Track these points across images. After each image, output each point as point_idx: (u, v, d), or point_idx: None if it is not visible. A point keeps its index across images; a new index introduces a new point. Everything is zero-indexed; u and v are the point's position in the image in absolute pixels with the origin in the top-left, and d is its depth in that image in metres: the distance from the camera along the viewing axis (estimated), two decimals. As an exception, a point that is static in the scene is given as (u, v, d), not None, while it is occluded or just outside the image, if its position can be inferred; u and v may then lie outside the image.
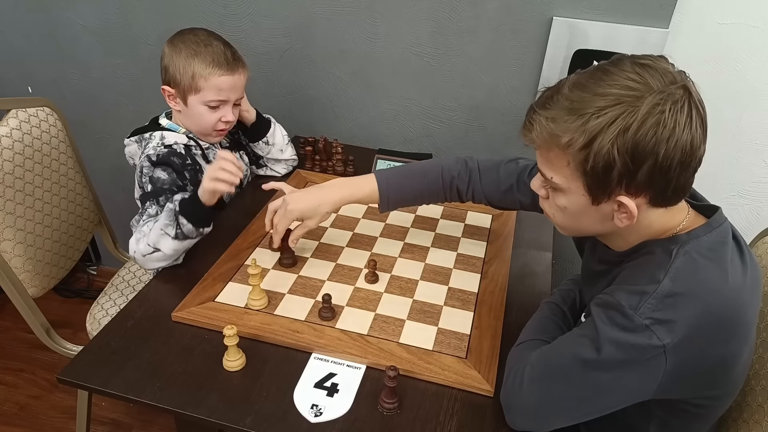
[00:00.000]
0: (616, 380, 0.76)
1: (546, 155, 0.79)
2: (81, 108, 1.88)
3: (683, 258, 0.76)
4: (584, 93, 0.73)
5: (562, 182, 0.79)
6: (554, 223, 0.89)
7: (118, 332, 1.01)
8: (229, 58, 1.22)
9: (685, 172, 0.73)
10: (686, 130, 0.71)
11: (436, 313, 1.07)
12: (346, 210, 1.37)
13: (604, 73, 0.74)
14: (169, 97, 1.25)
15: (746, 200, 1.60)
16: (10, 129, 1.31)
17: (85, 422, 1.43)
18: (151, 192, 1.18)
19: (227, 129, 1.30)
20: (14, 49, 1.85)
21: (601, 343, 0.75)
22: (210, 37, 1.23)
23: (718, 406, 0.86)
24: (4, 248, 1.28)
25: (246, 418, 0.86)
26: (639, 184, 0.73)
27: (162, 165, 1.21)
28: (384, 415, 0.88)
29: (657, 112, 0.70)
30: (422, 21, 1.51)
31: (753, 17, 1.36)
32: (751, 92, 1.44)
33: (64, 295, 2.20)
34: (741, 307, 0.76)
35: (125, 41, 1.75)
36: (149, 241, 1.11)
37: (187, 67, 1.20)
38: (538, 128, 0.76)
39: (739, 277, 0.77)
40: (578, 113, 0.72)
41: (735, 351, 0.78)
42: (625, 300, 0.75)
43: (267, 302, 1.06)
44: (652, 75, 0.72)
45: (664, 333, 0.72)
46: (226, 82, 1.22)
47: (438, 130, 1.67)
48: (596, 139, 0.71)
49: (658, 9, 1.36)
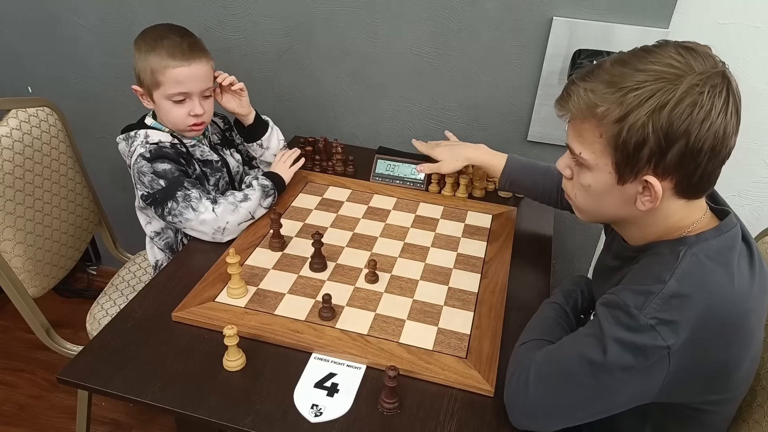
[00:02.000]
0: (621, 381, 0.76)
1: (579, 128, 0.79)
2: (81, 108, 1.88)
3: (690, 260, 0.76)
4: (625, 68, 0.74)
5: (590, 158, 0.79)
6: (575, 207, 0.90)
7: (118, 332, 1.01)
8: (185, 49, 1.20)
9: (714, 159, 0.73)
10: (721, 115, 0.71)
11: (436, 313, 1.07)
12: (346, 210, 1.37)
13: (647, 53, 0.75)
14: (141, 96, 1.26)
15: (746, 200, 1.60)
16: (10, 129, 1.31)
17: (85, 422, 1.43)
18: (170, 185, 1.20)
19: (201, 123, 1.27)
20: (14, 49, 1.85)
21: (606, 342, 0.75)
22: (168, 30, 1.22)
23: (718, 412, 0.85)
24: (4, 248, 1.28)
25: (246, 418, 0.86)
26: (668, 165, 0.73)
27: (158, 159, 1.21)
28: (384, 415, 0.88)
29: (695, 92, 0.70)
30: (422, 21, 1.51)
31: (753, 17, 1.36)
32: (751, 92, 1.44)
33: (64, 295, 2.20)
34: (745, 312, 0.76)
35: (125, 41, 1.74)
36: (250, 208, 1.25)
37: (145, 64, 1.20)
38: (576, 98, 0.77)
39: (745, 282, 0.77)
40: (617, 86, 0.73)
41: (737, 357, 0.77)
42: (630, 300, 0.75)
43: (246, 292, 1.08)
44: (694, 57, 0.72)
45: (669, 334, 0.72)
46: (182, 73, 1.19)
47: (438, 130, 1.67)
48: (632, 112, 0.72)
49: (658, 9, 1.36)
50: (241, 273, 1.07)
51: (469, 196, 1.45)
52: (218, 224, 1.20)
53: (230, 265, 1.04)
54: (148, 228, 1.38)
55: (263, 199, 1.28)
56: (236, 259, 1.04)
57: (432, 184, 1.46)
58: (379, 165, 1.49)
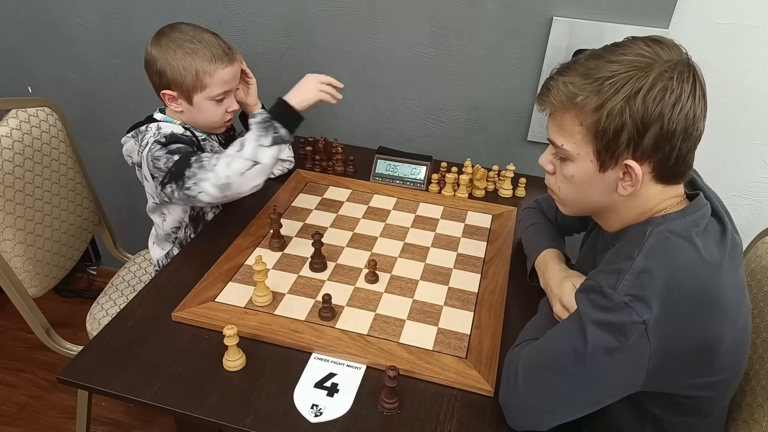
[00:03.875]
0: (606, 365, 0.77)
1: (560, 120, 0.84)
2: (81, 108, 1.88)
3: (656, 236, 0.79)
4: (599, 61, 0.80)
5: (572, 148, 0.83)
6: (558, 201, 0.94)
7: (118, 332, 1.01)
8: (225, 48, 1.24)
9: (687, 140, 0.78)
10: (690, 99, 0.76)
11: (436, 313, 1.07)
12: (346, 210, 1.37)
13: (618, 46, 0.81)
14: (169, 100, 1.25)
15: (746, 200, 1.59)
16: (10, 129, 1.31)
17: (85, 422, 1.43)
18: (183, 156, 1.16)
19: (233, 117, 1.33)
20: (14, 49, 1.85)
21: (585, 326, 0.77)
22: (197, 30, 1.23)
23: (711, 398, 0.85)
24: (4, 248, 1.28)
25: (246, 418, 0.86)
26: (645, 149, 0.78)
27: (173, 142, 1.20)
28: (384, 415, 0.88)
29: (665, 78, 0.75)
30: (422, 21, 1.51)
31: (753, 17, 1.36)
32: (751, 92, 1.44)
33: (64, 295, 2.20)
34: (716, 287, 0.78)
35: (125, 41, 1.75)
36: (245, 156, 1.12)
37: (188, 67, 1.20)
38: (555, 91, 0.82)
39: (714, 256, 0.79)
40: (593, 77, 0.78)
41: (717, 334, 0.78)
42: (604, 280, 0.78)
43: (271, 299, 1.07)
44: (662, 48, 0.78)
45: (643, 309, 0.74)
46: (229, 73, 1.24)
47: (438, 130, 1.67)
48: (609, 99, 0.77)
49: (658, 9, 1.36)
50: (266, 280, 1.06)
51: (469, 196, 1.45)
52: (221, 181, 1.12)
53: (257, 273, 1.03)
54: (165, 226, 1.35)
55: (263, 137, 1.14)
56: (263, 267, 1.03)
57: (432, 184, 1.46)
58: (379, 165, 1.49)
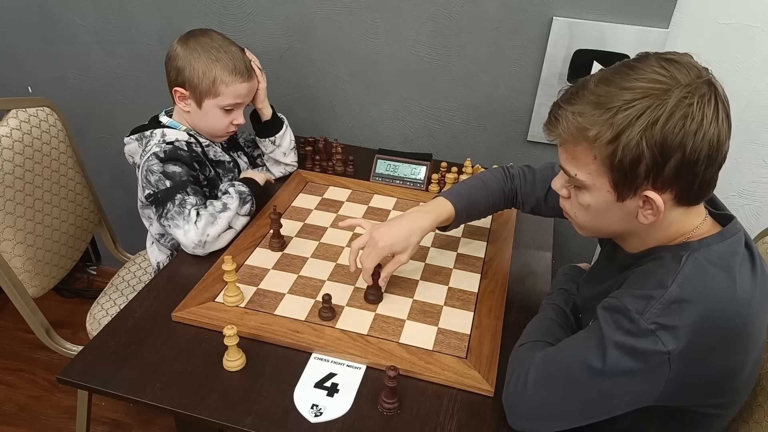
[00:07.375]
0: (620, 385, 0.76)
1: (572, 151, 0.78)
2: (81, 108, 1.88)
3: (692, 265, 0.75)
4: (610, 87, 0.73)
5: (586, 179, 0.78)
6: (575, 224, 0.89)
7: (118, 332, 1.01)
8: (247, 64, 1.28)
9: (711, 166, 0.73)
10: (713, 123, 0.71)
11: (436, 313, 1.07)
12: (346, 210, 1.37)
13: (630, 69, 0.74)
14: (179, 97, 1.26)
15: (746, 200, 1.60)
16: (10, 129, 1.31)
17: (85, 422, 1.43)
18: (174, 187, 1.20)
19: (236, 130, 1.34)
20: (14, 49, 1.85)
21: (606, 346, 0.75)
22: (225, 42, 1.26)
23: (722, 415, 0.84)
24: (4, 248, 1.28)
25: (246, 418, 0.86)
26: (666, 178, 0.73)
27: (172, 161, 1.22)
28: (384, 415, 0.88)
29: (685, 105, 0.70)
30: (422, 21, 1.51)
31: (753, 17, 1.36)
32: (751, 92, 1.44)
33: (64, 295, 2.20)
34: (747, 319, 0.75)
35: (125, 41, 1.75)
36: (228, 219, 1.20)
37: (207, 72, 1.22)
38: (565, 123, 0.76)
39: (748, 287, 0.76)
40: (605, 107, 0.72)
41: (740, 362, 0.77)
42: (631, 304, 0.75)
43: (242, 299, 1.07)
44: (678, 69, 0.72)
45: (670, 339, 0.72)
46: (244, 88, 1.27)
47: (438, 130, 1.67)
48: (624, 132, 0.71)
49: (658, 9, 1.36)
50: (237, 280, 1.05)
51: (469, 196, 1.45)
52: (200, 238, 1.16)
53: (226, 273, 1.02)
54: (152, 229, 1.38)
55: (241, 207, 1.24)
56: (232, 267, 1.02)
57: (432, 184, 1.46)
58: (379, 165, 1.49)
